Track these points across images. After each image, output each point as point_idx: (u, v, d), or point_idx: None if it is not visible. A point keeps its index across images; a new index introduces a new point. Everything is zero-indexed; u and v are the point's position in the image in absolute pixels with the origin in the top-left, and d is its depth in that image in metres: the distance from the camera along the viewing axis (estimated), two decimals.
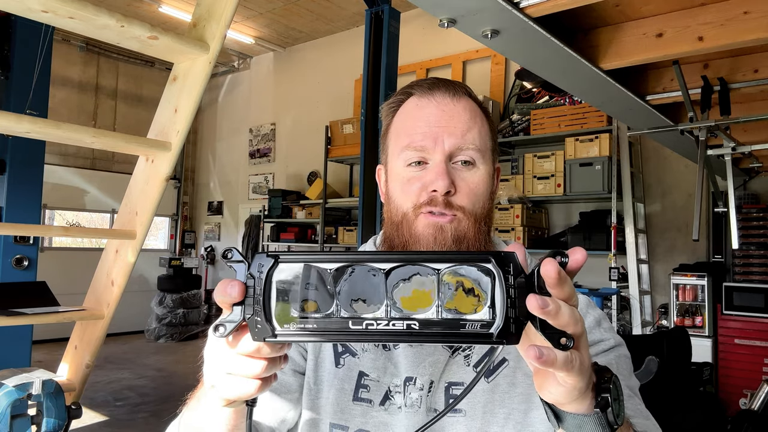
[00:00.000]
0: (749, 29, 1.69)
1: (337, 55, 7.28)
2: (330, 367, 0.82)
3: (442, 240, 0.76)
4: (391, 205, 0.82)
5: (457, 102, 0.80)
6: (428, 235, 0.77)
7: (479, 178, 0.79)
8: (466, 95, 0.81)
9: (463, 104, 0.80)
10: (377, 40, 4.13)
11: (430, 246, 0.77)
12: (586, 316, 0.80)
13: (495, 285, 0.48)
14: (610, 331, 0.81)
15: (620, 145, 4.61)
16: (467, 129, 0.78)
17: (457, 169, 0.78)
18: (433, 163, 0.77)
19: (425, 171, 0.78)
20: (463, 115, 0.79)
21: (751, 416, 2.71)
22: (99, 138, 1.71)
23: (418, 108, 0.80)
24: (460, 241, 0.77)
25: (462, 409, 0.75)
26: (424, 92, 0.81)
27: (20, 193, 3.33)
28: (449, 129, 0.77)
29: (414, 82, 0.84)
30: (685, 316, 4.24)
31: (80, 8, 1.37)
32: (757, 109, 2.69)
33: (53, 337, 5.94)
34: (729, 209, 2.31)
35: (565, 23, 1.83)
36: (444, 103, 0.79)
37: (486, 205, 0.80)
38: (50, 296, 2.14)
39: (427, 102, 0.80)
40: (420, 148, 0.78)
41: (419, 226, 0.77)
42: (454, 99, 0.80)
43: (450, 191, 0.76)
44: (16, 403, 1.21)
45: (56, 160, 7.57)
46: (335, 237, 6.46)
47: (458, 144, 0.77)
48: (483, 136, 0.80)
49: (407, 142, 0.79)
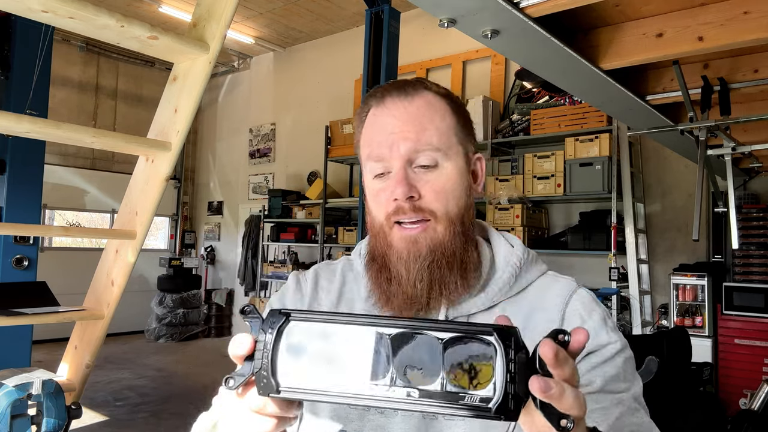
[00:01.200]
0: (749, 29, 1.69)
1: (337, 55, 7.28)
2: None
3: (416, 252, 0.75)
4: (369, 217, 0.82)
5: (410, 103, 0.77)
6: (402, 249, 0.76)
7: (445, 177, 0.77)
8: (422, 90, 0.79)
9: (417, 103, 0.78)
10: (377, 40, 4.14)
11: (403, 260, 0.76)
12: (591, 313, 0.79)
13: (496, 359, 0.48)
14: (615, 331, 0.79)
15: (620, 145, 4.60)
16: (421, 129, 0.76)
17: (419, 173, 0.76)
18: (393, 172, 0.76)
19: (388, 182, 0.77)
20: (416, 115, 0.77)
21: (751, 416, 2.71)
22: (99, 138, 1.71)
23: (375, 117, 0.79)
24: (435, 250, 0.76)
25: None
26: (378, 99, 0.79)
27: (20, 193, 3.33)
28: (402, 134, 0.76)
29: (373, 89, 0.82)
30: (685, 316, 4.24)
31: (80, 8, 1.37)
32: (757, 109, 2.69)
33: (53, 337, 5.94)
34: (729, 209, 2.31)
35: (565, 23, 1.83)
36: (395, 108, 0.78)
37: (461, 203, 0.78)
38: (50, 296, 2.14)
39: (381, 110, 0.79)
40: (378, 158, 0.77)
41: (394, 238, 0.77)
42: (406, 100, 0.78)
43: (413, 196, 0.75)
44: (16, 403, 1.21)
45: (56, 160, 7.57)
46: (335, 237, 6.46)
47: (414, 147, 0.75)
48: (443, 131, 0.78)
49: (368, 152, 0.79)
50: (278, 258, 7.51)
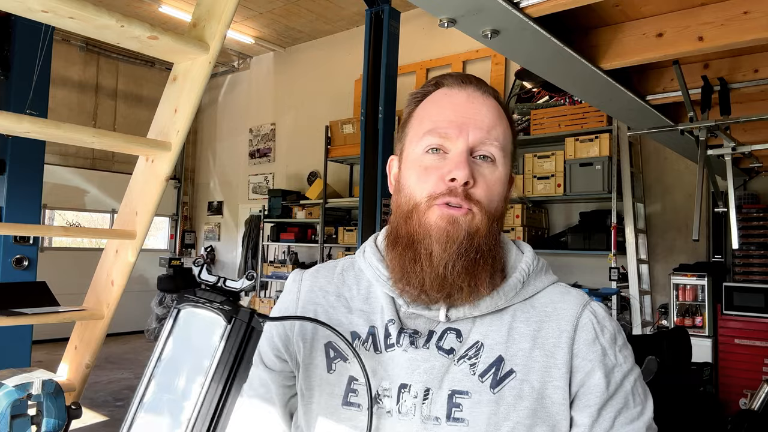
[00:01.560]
0: (749, 29, 1.69)
1: (337, 55, 7.28)
2: (322, 373, 0.80)
3: (455, 233, 0.74)
4: (402, 194, 0.79)
5: (487, 99, 0.79)
6: (441, 227, 0.74)
7: (497, 176, 0.77)
8: (494, 97, 0.81)
9: (492, 104, 0.79)
10: (377, 40, 4.13)
11: (441, 239, 0.74)
12: (604, 329, 0.77)
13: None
14: (625, 349, 0.79)
15: (620, 145, 4.60)
16: (493, 125, 0.77)
17: (476, 163, 0.76)
18: (454, 152, 0.75)
19: (445, 161, 0.76)
20: (491, 111, 0.78)
21: (751, 416, 2.71)
22: (99, 138, 1.71)
23: (447, 96, 0.79)
24: (473, 237, 0.74)
25: (464, 419, 0.72)
26: (454, 82, 0.80)
27: (20, 193, 3.33)
28: (476, 121, 0.76)
29: (443, 75, 0.83)
30: (685, 316, 4.23)
31: (80, 8, 1.36)
32: (757, 109, 2.69)
33: (53, 337, 5.94)
34: (729, 209, 2.31)
35: (565, 23, 1.83)
36: (474, 96, 0.78)
37: (500, 207, 0.78)
38: (50, 296, 2.14)
39: (457, 92, 0.79)
40: (444, 134, 0.76)
41: (432, 216, 0.75)
42: (483, 96, 0.79)
43: (469, 182, 0.74)
44: (16, 403, 1.21)
45: (56, 160, 7.57)
46: (335, 237, 6.45)
47: (483, 138, 0.76)
48: (506, 137, 0.79)
49: (431, 126, 0.77)
50: (278, 258, 7.51)
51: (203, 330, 0.66)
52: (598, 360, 0.75)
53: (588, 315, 0.78)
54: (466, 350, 0.76)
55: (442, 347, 0.76)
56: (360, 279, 0.86)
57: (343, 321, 0.82)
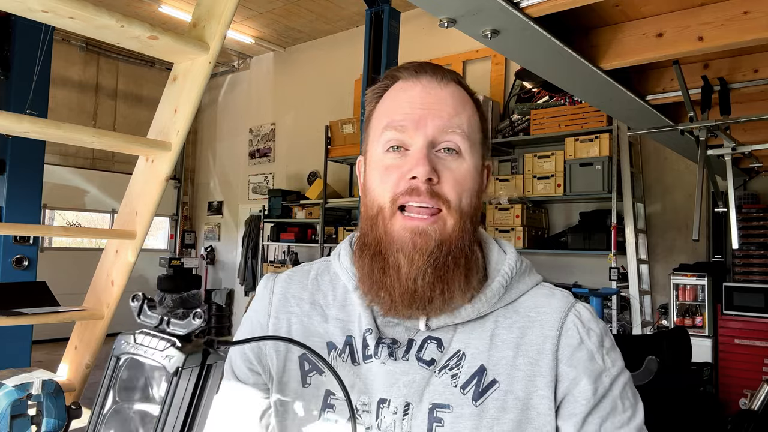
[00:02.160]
0: (749, 29, 1.69)
1: (337, 55, 7.28)
2: (297, 386, 0.76)
3: (423, 244, 0.69)
4: (368, 197, 0.74)
5: (445, 86, 0.74)
6: (405, 239, 0.69)
7: (465, 168, 0.72)
8: (454, 81, 0.75)
9: (451, 89, 0.74)
10: (377, 40, 4.13)
11: (407, 251, 0.69)
12: (590, 332, 0.73)
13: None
14: (612, 351, 0.74)
15: (620, 145, 4.60)
16: (454, 113, 0.72)
17: (440, 157, 0.71)
18: (414, 148, 0.71)
19: (405, 158, 0.71)
20: (449, 99, 0.73)
21: (751, 416, 2.71)
22: (99, 138, 1.71)
23: (403, 90, 0.75)
24: (443, 245, 0.70)
25: None
26: (409, 74, 0.75)
27: (20, 193, 3.33)
28: (434, 111, 0.71)
29: (399, 65, 0.78)
30: (685, 316, 4.23)
31: (80, 8, 1.36)
32: (757, 109, 2.69)
33: (53, 337, 5.93)
34: (729, 209, 2.31)
35: (565, 23, 1.83)
36: (429, 86, 0.73)
37: (473, 202, 0.73)
38: (50, 296, 2.14)
39: (412, 84, 0.74)
40: (400, 128, 0.71)
41: (395, 226, 0.70)
42: (442, 83, 0.74)
43: (432, 179, 0.69)
44: (16, 403, 1.21)
45: (56, 160, 7.57)
46: (335, 237, 6.45)
47: (443, 127, 0.71)
48: (472, 125, 0.74)
49: (387, 121, 0.73)
50: (278, 258, 7.51)
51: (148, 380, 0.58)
52: (584, 365, 0.71)
53: (573, 318, 0.73)
54: (447, 360, 0.72)
55: (423, 358, 0.72)
56: (336, 284, 0.82)
57: (319, 330, 0.78)
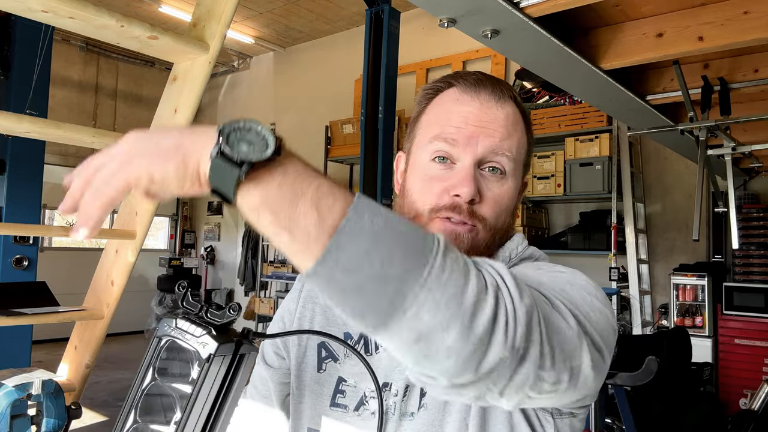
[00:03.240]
0: (749, 29, 1.69)
1: (337, 55, 7.27)
2: (312, 372, 0.81)
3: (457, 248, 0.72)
4: (406, 199, 0.75)
5: (501, 107, 0.73)
6: None
7: (507, 190, 0.73)
8: (511, 100, 0.75)
9: (507, 111, 0.74)
10: (377, 40, 4.13)
11: None
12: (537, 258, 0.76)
13: None
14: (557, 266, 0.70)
15: (620, 145, 4.60)
16: (506, 135, 0.72)
17: (485, 176, 0.72)
18: (461, 165, 0.71)
19: (451, 172, 0.71)
20: (505, 121, 0.73)
21: (751, 416, 2.71)
22: (99, 138, 1.71)
23: (459, 102, 0.73)
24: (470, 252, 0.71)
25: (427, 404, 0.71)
26: (468, 87, 0.74)
27: (20, 193, 3.33)
28: (487, 131, 0.71)
29: (458, 73, 0.77)
30: (685, 316, 4.23)
31: (80, 8, 1.36)
32: (757, 109, 2.69)
33: (53, 337, 5.93)
34: (729, 209, 2.31)
35: (565, 23, 1.83)
36: (486, 103, 0.73)
37: (507, 221, 0.75)
38: (50, 296, 2.14)
39: (470, 98, 0.73)
40: (452, 141, 0.71)
41: (434, 228, 0.71)
42: (499, 102, 0.73)
43: (474, 200, 0.70)
44: (16, 403, 1.21)
45: (56, 160, 7.56)
46: None
47: (493, 149, 0.71)
48: (520, 146, 0.75)
49: (438, 131, 0.73)
50: (278, 258, 7.50)
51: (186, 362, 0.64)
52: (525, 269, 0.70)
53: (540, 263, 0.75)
54: None
55: None
56: None
57: (338, 321, 0.82)
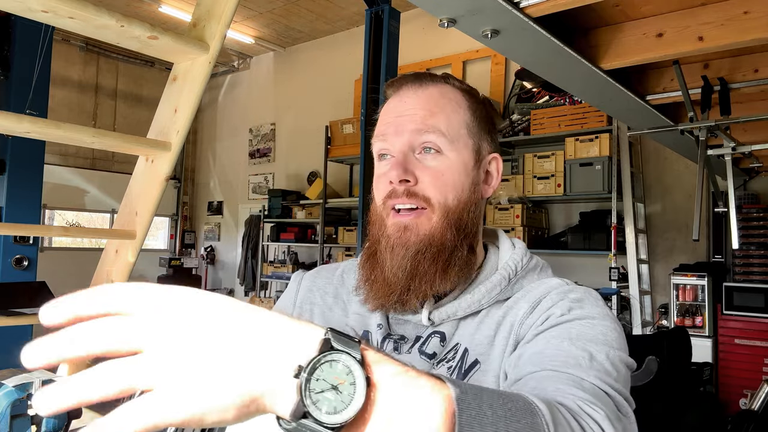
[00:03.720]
0: (749, 29, 1.69)
1: (337, 55, 7.28)
2: None
3: (405, 239, 0.72)
4: (372, 204, 0.81)
5: (423, 90, 0.77)
6: (393, 235, 0.74)
7: (446, 166, 0.74)
8: (440, 82, 0.78)
9: (430, 92, 0.77)
10: (377, 40, 4.13)
11: (390, 247, 0.73)
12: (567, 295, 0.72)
13: None
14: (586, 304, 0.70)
15: (620, 145, 4.60)
16: (429, 114, 0.75)
17: (421, 158, 0.74)
18: (393, 153, 0.76)
19: (389, 164, 0.76)
20: (426, 102, 0.76)
21: (751, 416, 2.71)
22: (99, 138, 1.71)
23: (388, 104, 0.80)
24: (424, 240, 0.72)
25: None
26: (393, 88, 0.80)
27: (20, 193, 3.33)
28: (408, 117, 0.75)
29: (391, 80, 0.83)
30: (685, 316, 4.23)
31: (80, 8, 1.36)
32: (757, 109, 2.69)
33: None
34: (729, 209, 2.31)
35: (565, 23, 1.83)
36: (406, 95, 0.78)
37: (462, 197, 0.74)
38: (50, 296, 2.13)
39: (393, 96, 0.80)
40: (383, 137, 0.77)
41: (388, 224, 0.75)
42: (420, 88, 0.77)
43: (408, 180, 0.73)
44: (16, 403, 1.21)
45: (56, 160, 7.57)
46: (335, 237, 6.45)
47: (417, 128, 0.74)
48: (452, 120, 0.75)
49: (375, 133, 0.79)
50: (278, 258, 7.50)
51: None
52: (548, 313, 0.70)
53: (556, 291, 0.73)
54: (446, 353, 0.74)
55: (425, 351, 0.74)
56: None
57: (338, 323, 0.82)
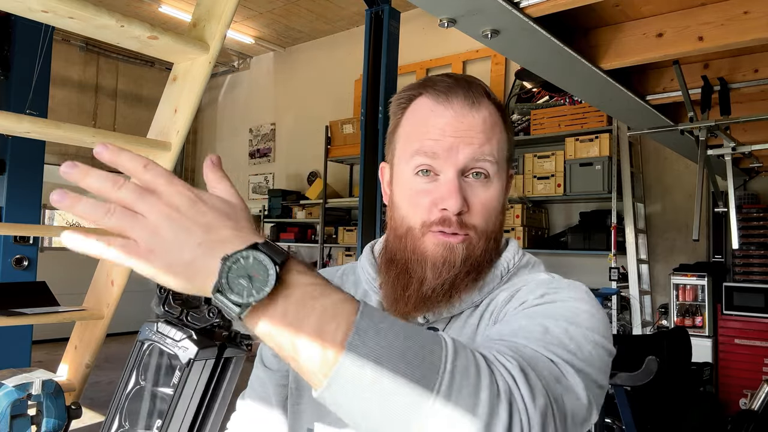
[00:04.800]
0: (749, 29, 1.69)
1: (337, 55, 7.28)
2: None
3: (452, 260, 0.72)
4: (395, 213, 0.76)
5: (477, 111, 0.73)
6: (437, 255, 0.72)
7: (493, 193, 0.74)
8: (486, 100, 0.74)
9: (483, 114, 0.73)
10: (377, 40, 4.13)
11: (437, 265, 0.72)
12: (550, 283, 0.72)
13: None
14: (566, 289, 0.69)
15: (620, 145, 4.60)
16: (485, 140, 0.72)
17: (469, 183, 0.72)
18: (445, 177, 0.71)
19: (436, 185, 0.72)
20: (482, 126, 0.73)
21: (751, 416, 2.71)
22: (99, 138, 1.71)
23: (433, 113, 0.73)
24: (467, 261, 0.73)
25: None
26: (440, 95, 0.73)
27: (20, 193, 3.33)
28: (465, 140, 0.71)
29: (429, 79, 0.77)
30: (685, 316, 4.23)
31: (80, 8, 1.36)
32: (757, 109, 2.69)
33: (53, 337, 5.93)
34: (729, 209, 2.31)
35: (565, 23, 1.83)
36: (461, 111, 0.72)
37: (498, 220, 0.76)
38: (50, 296, 2.14)
39: (443, 108, 0.73)
40: (432, 155, 0.72)
41: (428, 244, 0.72)
42: (474, 108, 0.73)
43: (462, 210, 0.71)
44: (16, 403, 1.21)
45: (56, 160, 7.56)
46: (335, 237, 6.45)
47: (474, 156, 0.71)
48: (501, 146, 0.75)
49: (417, 146, 0.73)
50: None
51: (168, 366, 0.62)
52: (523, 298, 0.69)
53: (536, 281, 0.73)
54: None
55: None
56: (358, 285, 0.86)
57: None
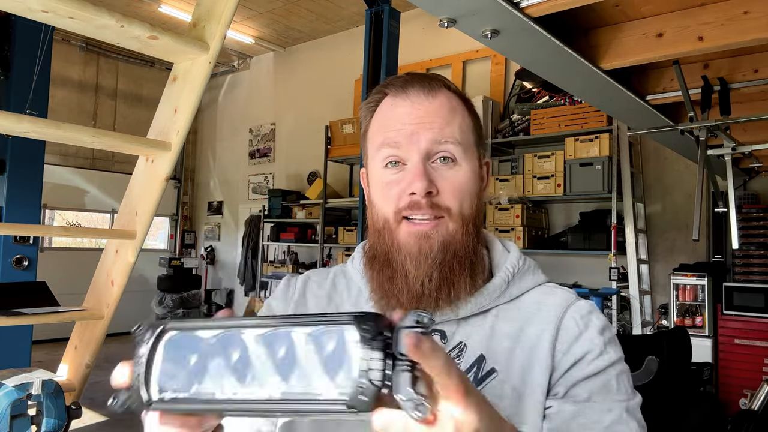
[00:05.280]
0: (749, 29, 1.70)
1: (337, 55, 7.28)
2: None
3: (428, 248, 0.72)
4: (373, 210, 0.78)
5: (434, 98, 0.75)
6: (411, 244, 0.73)
7: (463, 176, 0.75)
8: (443, 88, 0.77)
9: (440, 100, 0.76)
10: (377, 40, 4.14)
11: (413, 257, 0.72)
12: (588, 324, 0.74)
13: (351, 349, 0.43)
14: (613, 343, 0.75)
15: (620, 145, 4.60)
16: (445, 123, 0.74)
17: (437, 168, 0.74)
18: (411, 163, 0.73)
19: (403, 173, 0.74)
20: (440, 110, 0.75)
21: (751, 416, 2.71)
22: (99, 138, 1.71)
23: (393, 106, 0.76)
24: (447, 248, 0.73)
25: None
26: (398, 90, 0.77)
27: (20, 193, 3.33)
28: (425, 125, 0.73)
29: (388, 79, 0.80)
30: (685, 316, 4.23)
31: (80, 8, 1.36)
32: (757, 109, 2.69)
33: (53, 337, 5.93)
34: (729, 209, 2.31)
35: (565, 23, 1.83)
36: (417, 101, 0.75)
37: (474, 204, 0.76)
38: (50, 296, 2.14)
39: (401, 100, 0.76)
40: (395, 144, 0.74)
41: (401, 234, 0.74)
42: (430, 95, 0.75)
43: (431, 191, 0.72)
44: (16, 403, 1.21)
45: (56, 160, 7.57)
46: (335, 237, 6.45)
47: (436, 138, 0.73)
48: (464, 130, 0.76)
49: (381, 139, 0.76)
50: (278, 258, 7.51)
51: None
52: (582, 353, 0.72)
53: (572, 312, 0.75)
54: (448, 351, 0.74)
55: None
56: (351, 286, 0.86)
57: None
